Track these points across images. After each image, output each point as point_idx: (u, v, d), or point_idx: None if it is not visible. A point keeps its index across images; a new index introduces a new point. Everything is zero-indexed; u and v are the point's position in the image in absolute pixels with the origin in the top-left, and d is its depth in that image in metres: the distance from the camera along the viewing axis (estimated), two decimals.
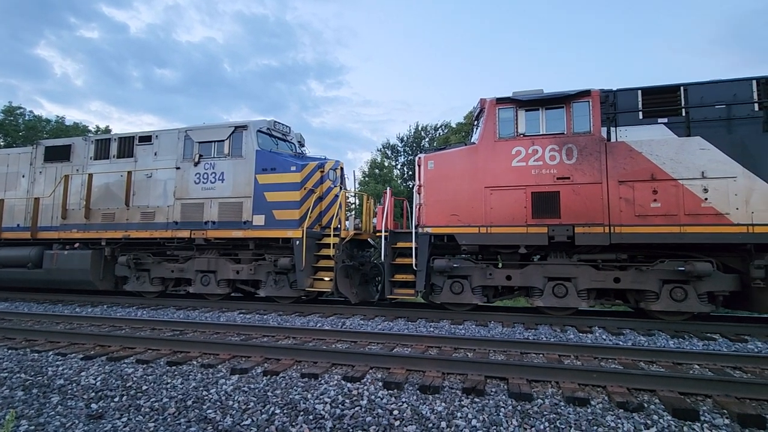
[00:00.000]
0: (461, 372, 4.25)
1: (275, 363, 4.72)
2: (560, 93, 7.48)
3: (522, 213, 7.41)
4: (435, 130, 33.19)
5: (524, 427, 3.16)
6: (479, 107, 8.20)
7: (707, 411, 3.33)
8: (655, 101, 7.26)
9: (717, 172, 6.67)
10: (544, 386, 3.93)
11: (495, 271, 7.78)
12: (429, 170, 7.98)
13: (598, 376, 3.94)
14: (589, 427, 3.10)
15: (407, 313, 8.11)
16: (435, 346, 5.54)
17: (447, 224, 7.75)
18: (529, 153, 7.48)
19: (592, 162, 7.18)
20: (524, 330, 6.80)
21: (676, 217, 6.77)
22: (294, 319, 7.88)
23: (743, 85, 6.98)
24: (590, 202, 7.12)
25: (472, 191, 7.67)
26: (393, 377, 4.13)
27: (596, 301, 7.59)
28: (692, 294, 6.87)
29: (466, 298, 7.84)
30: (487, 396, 3.71)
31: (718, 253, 6.87)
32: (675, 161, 6.84)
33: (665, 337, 6.28)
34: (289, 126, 10.18)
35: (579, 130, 7.33)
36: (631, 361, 4.79)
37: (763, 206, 6.47)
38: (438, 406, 3.55)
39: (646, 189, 6.93)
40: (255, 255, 9.33)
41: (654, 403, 3.50)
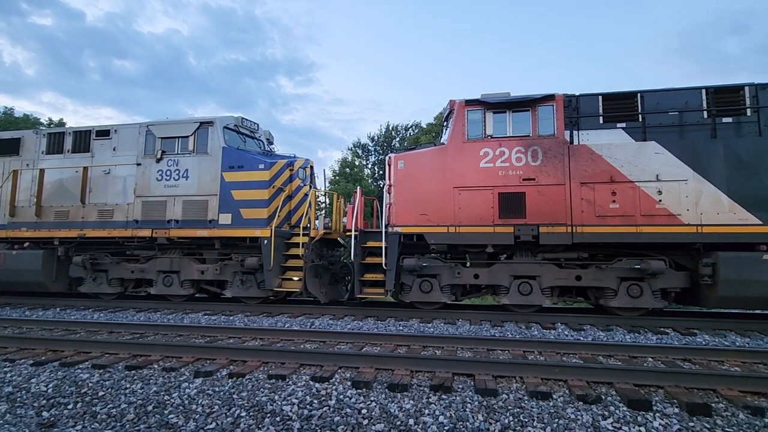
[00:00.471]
0: (429, 369, 4.30)
1: (241, 365, 4.61)
2: (526, 96, 7.69)
3: (489, 213, 7.57)
4: (406, 130, 33.40)
5: (489, 422, 3.23)
6: (449, 108, 8.31)
7: (659, 401, 3.52)
8: (614, 107, 7.59)
9: (670, 175, 7.05)
10: (509, 381, 4.03)
11: (463, 270, 7.92)
12: (399, 170, 8.02)
13: (560, 371, 4.08)
14: (551, 420, 3.21)
15: (377, 312, 8.12)
16: (404, 344, 5.58)
17: (416, 224, 7.82)
18: (496, 154, 7.65)
19: (555, 164, 7.42)
20: (491, 327, 6.95)
21: (633, 218, 7.10)
22: (261, 320, 7.73)
23: (694, 94, 7.41)
24: (554, 202, 7.36)
25: (441, 191, 7.77)
26: (362, 376, 4.12)
27: (559, 299, 7.87)
28: (647, 291, 7.24)
29: (435, 297, 7.93)
30: (454, 392, 3.77)
31: (671, 252, 7.27)
32: (632, 164, 7.18)
33: (622, 332, 6.58)
34: (257, 123, 9.98)
35: (543, 133, 7.57)
36: (591, 356, 4.99)
37: (711, 208, 6.89)
38: (406, 403, 3.57)
39: (606, 190, 7.23)
40: (221, 255, 9.09)
41: (611, 395, 3.66)
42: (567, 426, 3.11)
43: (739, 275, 6.63)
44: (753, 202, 6.77)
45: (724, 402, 3.50)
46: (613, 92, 7.66)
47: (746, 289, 6.65)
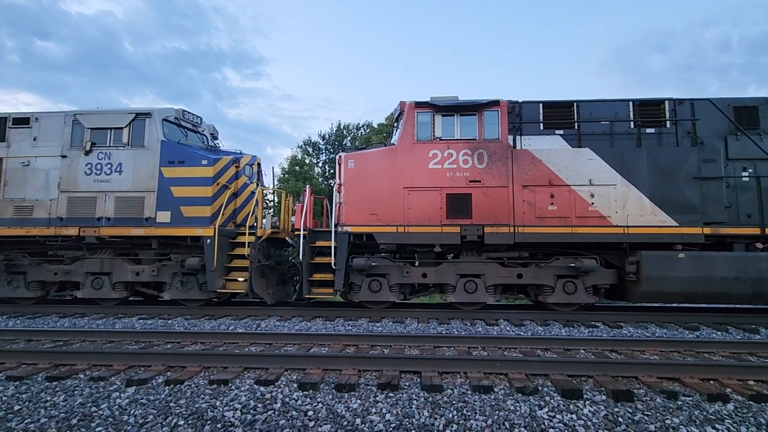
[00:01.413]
0: (377, 368, 4.32)
1: (180, 371, 4.37)
2: (473, 101, 7.96)
3: (437, 213, 7.75)
4: (357, 129, 33.34)
5: (434, 417, 3.30)
6: (399, 110, 8.41)
7: (589, 390, 3.78)
8: (553, 114, 8.06)
9: (601, 179, 7.60)
10: (453, 377, 4.14)
11: (412, 269, 8.04)
12: (349, 169, 7.99)
13: (501, 365, 4.26)
14: (492, 412, 3.34)
15: (325, 312, 8.03)
16: (352, 344, 5.56)
17: (366, 223, 7.82)
18: (444, 156, 7.85)
19: (500, 167, 7.75)
20: (438, 325, 7.12)
21: (569, 219, 7.58)
22: (203, 323, 7.37)
23: (623, 105, 8.05)
24: (498, 204, 7.68)
25: (391, 191, 7.84)
26: (309, 378, 4.06)
27: (502, 296, 8.22)
28: (581, 287, 7.75)
29: (384, 296, 7.99)
30: (401, 390, 3.81)
31: (601, 251, 7.83)
32: (568, 169, 7.66)
33: (559, 326, 7.00)
34: (200, 116, 9.51)
35: (489, 137, 7.87)
36: (530, 349, 5.26)
37: (636, 210, 7.52)
38: (353, 403, 3.56)
39: (545, 193, 7.66)
40: (159, 255, 8.56)
41: (547, 386, 3.88)
42: (507, 417, 3.25)
43: (658, 272, 7.28)
44: (671, 205, 7.46)
45: (644, 388, 3.83)
46: (553, 101, 8.13)
47: (664, 285, 7.31)
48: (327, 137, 33.16)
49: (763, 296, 7.24)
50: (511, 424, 3.17)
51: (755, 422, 3.15)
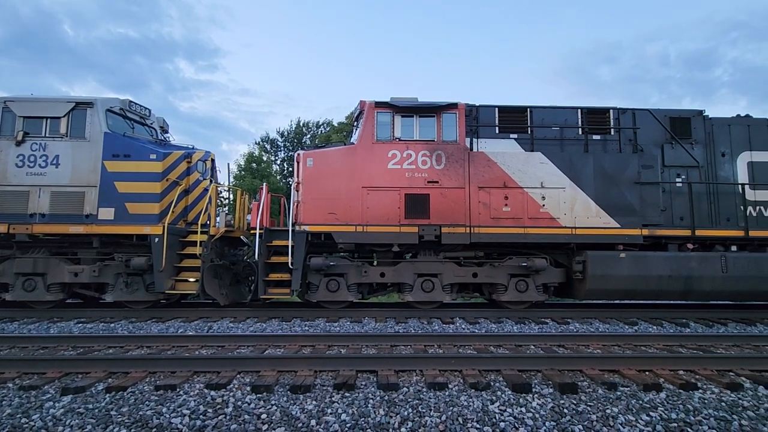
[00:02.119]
0: (333, 368, 4.28)
1: (123, 377, 4.12)
2: (432, 103, 8.08)
3: (396, 213, 7.80)
4: (317, 127, 32.91)
5: (390, 416, 3.31)
6: (359, 109, 8.39)
7: (537, 383, 3.94)
8: (508, 119, 8.35)
9: (552, 183, 7.96)
10: (409, 375, 4.18)
11: (370, 269, 8.05)
12: (308, 168, 7.88)
13: (455, 362, 4.35)
14: (446, 408, 3.40)
15: (282, 313, 7.87)
16: (309, 345, 5.48)
17: (324, 222, 7.74)
18: (403, 156, 7.91)
19: (457, 168, 7.92)
20: (395, 324, 7.16)
21: (521, 220, 7.87)
22: (150, 326, 7.00)
23: (572, 113, 8.48)
24: (455, 204, 7.84)
25: (350, 190, 7.80)
26: (263, 380, 3.95)
27: (458, 295, 8.41)
28: (532, 286, 8.08)
29: (341, 296, 7.94)
30: (357, 390, 3.80)
31: (551, 251, 8.20)
32: (522, 172, 7.96)
33: (511, 323, 7.26)
34: (149, 108, 9.01)
35: (447, 139, 8.03)
36: (484, 346, 5.41)
37: (582, 213, 7.94)
38: (308, 404, 3.51)
39: (500, 195, 7.92)
40: (101, 254, 8.02)
41: (499, 381, 4.01)
42: (460, 413, 3.32)
43: (602, 271, 7.73)
44: (614, 208, 7.94)
45: (587, 380, 4.04)
46: (508, 105, 8.42)
47: (608, 283, 7.78)
48: (286, 134, 32.50)
49: (693, 293, 7.87)
50: (464, 420, 3.24)
51: (684, 409, 3.40)
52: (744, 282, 7.76)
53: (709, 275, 7.73)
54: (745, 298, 8.35)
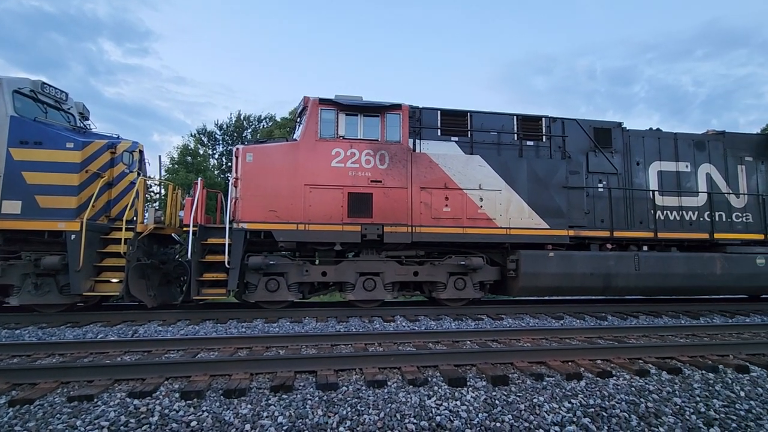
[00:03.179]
0: (271, 370, 4.15)
1: (29, 389, 3.70)
2: (377, 103, 8.12)
3: (339, 212, 7.74)
4: (259, 122, 31.82)
5: (329, 416, 3.27)
6: (302, 105, 8.22)
7: (472, 377, 4.09)
8: (450, 122, 8.61)
9: (489, 185, 8.32)
10: (349, 374, 4.16)
11: (312, 268, 7.92)
12: (247, 163, 7.58)
13: (395, 359, 4.40)
14: (385, 405, 3.43)
15: (217, 314, 7.51)
16: (245, 347, 5.28)
17: (264, 220, 7.49)
18: (347, 155, 7.87)
19: (400, 169, 8.02)
20: (337, 323, 7.11)
21: (460, 220, 8.15)
22: (64, 332, 6.36)
23: (508, 119, 8.92)
24: (397, 204, 7.94)
25: (291, 188, 7.62)
26: (193, 385, 3.74)
27: (399, 293, 8.52)
28: (469, 283, 8.40)
29: (281, 296, 7.74)
30: (295, 391, 3.71)
31: (487, 250, 8.57)
32: (461, 174, 8.24)
33: (449, 320, 7.49)
34: (66, 92, 8.16)
35: (391, 139, 8.11)
36: (423, 343, 5.52)
37: (517, 214, 8.38)
38: (243, 409, 3.37)
39: (441, 195, 8.14)
40: (5, 252, 7.15)
41: (436, 376, 4.11)
42: (398, 409, 3.36)
43: (533, 269, 8.22)
44: (544, 210, 8.48)
45: (518, 372, 4.27)
46: (450, 109, 8.68)
47: (538, 280, 8.28)
48: (225, 127, 31.10)
49: (611, 288, 8.61)
50: (402, 415, 3.28)
51: (600, 395, 3.71)
52: (653, 278, 8.63)
53: (624, 272, 8.50)
54: (653, 293, 9.29)
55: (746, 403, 3.68)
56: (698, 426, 3.32)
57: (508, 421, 3.24)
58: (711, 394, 3.82)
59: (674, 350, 4.98)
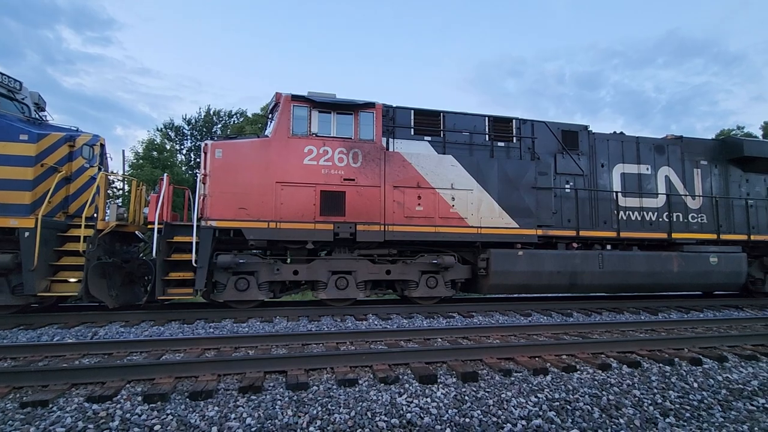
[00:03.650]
0: (239, 371, 4.06)
1: None
2: (351, 101, 8.08)
3: (311, 210, 7.66)
4: (229, 117, 31.05)
5: (299, 416, 3.23)
6: (274, 101, 8.08)
7: (443, 374, 4.14)
8: (423, 121, 8.66)
9: (461, 185, 8.44)
10: (320, 373, 4.13)
11: (283, 267, 7.80)
12: (216, 159, 7.38)
13: (366, 358, 4.39)
14: (356, 404, 3.42)
15: (183, 314, 7.28)
16: (213, 347, 5.15)
17: (234, 218, 7.32)
18: (320, 153, 7.80)
19: (373, 167, 8.01)
20: (308, 322, 7.03)
21: (433, 219, 8.22)
22: (16, 335, 6.01)
23: (480, 120, 9.07)
24: (370, 202, 7.93)
25: (262, 185, 7.48)
26: (157, 388, 3.61)
27: (371, 291, 8.52)
28: (441, 282, 8.49)
29: (251, 295, 7.59)
30: (264, 391, 3.65)
31: (459, 249, 8.69)
32: (434, 173, 8.31)
33: (421, 318, 7.55)
34: (19, 81, 7.69)
35: (364, 138, 8.08)
36: (395, 341, 5.54)
37: (487, 213, 8.53)
38: (210, 411, 3.28)
39: (413, 194, 8.18)
40: None
41: (407, 374, 4.13)
42: (369, 407, 3.36)
43: (503, 267, 8.39)
44: (514, 210, 8.67)
45: (487, 368, 4.35)
46: (423, 109, 8.74)
47: (508, 278, 8.46)
48: (193, 122, 30.21)
49: (576, 286, 8.90)
50: (372, 413, 3.28)
51: (565, 389, 3.83)
52: (616, 276, 8.98)
53: (589, 270, 8.81)
54: (616, 290, 9.67)
55: (699, 394, 3.88)
56: (655, 416, 3.48)
57: (477, 416, 3.30)
58: (667, 386, 4.01)
59: (634, 345, 5.20)
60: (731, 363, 4.76)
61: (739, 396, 3.91)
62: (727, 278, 9.61)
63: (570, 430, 3.21)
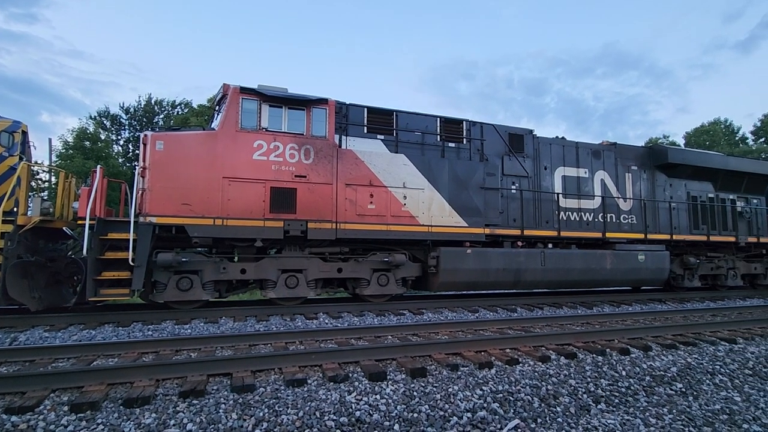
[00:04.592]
0: (180, 375, 3.86)
1: None
2: (303, 96, 7.92)
3: (260, 206, 7.43)
4: (173, 108, 29.37)
5: (244, 419, 3.13)
6: (222, 93, 7.76)
7: (392, 370, 4.17)
8: (376, 120, 8.68)
9: (413, 183, 8.55)
10: (267, 375, 4.02)
11: (230, 265, 7.52)
12: (157, 151, 6.95)
13: (316, 357, 4.33)
14: (304, 404, 3.36)
15: (118, 317, 6.81)
16: (151, 351, 4.86)
17: (176, 214, 6.94)
18: (270, 148, 7.58)
19: (325, 164, 7.92)
20: (256, 323, 6.83)
21: (385, 218, 8.27)
22: None
23: (432, 120, 9.23)
24: (322, 200, 7.83)
25: (208, 180, 7.15)
26: (86, 396, 3.35)
27: (322, 290, 8.42)
28: (392, 279, 8.56)
29: (195, 295, 7.24)
30: (207, 395, 3.50)
31: (410, 247, 8.81)
32: (386, 172, 8.36)
33: (372, 316, 7.57)
34: None
35: (316, 134, 7.96)
36: (345, 340, 5.52)
37: (438, 212, 8.71)
38: (147, 418, 3.09)
39: (366, 192, 8.18)
40: None
41: (357, 372, 4.13)
42: (318, 407, 3.31)
43: (452, 265, 8.61)
44: (464, 209, 8.92)
45: (435, 364, 4.44)
46: (376, 107, 8.76)
47: (457, 276, 8.69)
48: (132, 111, 28.30)
49: (521, 282, 9.32)
50: (321, 413, 3.24)
51: (508, 381, 3.99)
52: (556, 273, 9.51)
53: (532, 268, 9.26)
54: (556, 286, 10.24)
55: (627, 381, 4.20)
56: (588, 403, 3.73)
57: (425, 411, 3.35)
58: (599, 374, 4.31)
59: (571, 337, 5.54)
60: (654, 352, 5.20)
61: (660, 382, 4.28)
62: (653, 274, 10.49)
63: (512, 420, 3.35)
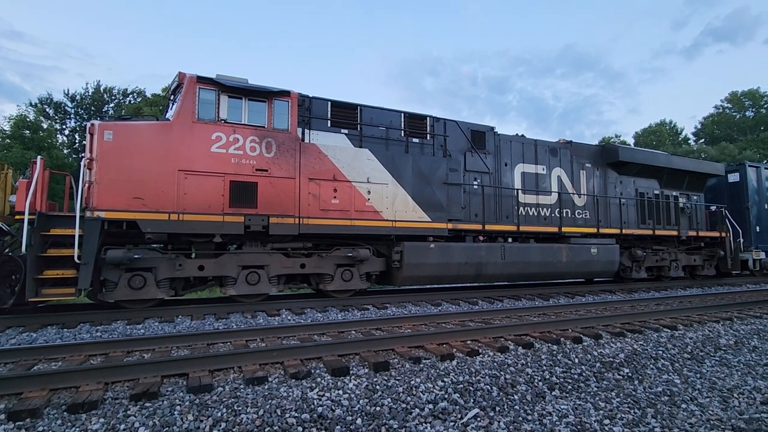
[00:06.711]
0: (131, 377, 3.68)
1: None
2: (264, 87, 7.70)
3: (219, 201, 7.18)
4: (124, 96, 27.80)
5: (200, 420, 3.01)
6: (177, 81, 7.42)
7: (355, 365, 4.16)
8: (340, 114, 8.59)
9: (377, 178, 8.54)
10: (226, 373, 3.90)
11: (186, 262, 7.23)
12: (106, 142, 6.55)
13: (277, 354, 4.25)
14: (264, 402, 3.28)
15: (63, 318, 6.40)
16: (100, 353, 4.60)
17: (127, 208, 6.58)
18: (230, 140, 7.33)
19: (288, 158, 7.75)
20: (215, 321, 6.62)
21: (348, 213, 8.22)
22: None
23: (396, 116, 9.25)
24: (285, 194, 7.67)
25: (162, 173, 6.82)
26: (25, 403, 3.12)
27: (285, 286, 8.27)
28: (356, 275, 8.54)
29: (149, 293, 6.92)
30: (161, 397, 3.35)
31: (374, 242, 8.81)
32: (350, 166, 8.30)
33: (336, 311, 7.52)
34: None
35: (278, 127, 7.78)
36: (308, 336, 5.45)
37: (402, 207, 8.76)
38: (94, 424, 2.93)
39: (329, 187, 8.09)
40: None
41: (320, 368, 4.08)
42: (279, 404, 3.25)
43: (416, 260, 8.69)
44: (427, 204, 9.01)
45: (398, 357, 4.47)
46: (340, 101, 8.66)
47: (420, 270, 8.78)
48: (79, 99, 26.56)
49: (482, 276, 9.56)
50: (282, 410, 3.18)
51: (468, 371, 4.08)
52: (516, 266, 9.83)
53: (493, 261, 9.51)
54: (516, 279, 10.58)
55: (579, 368, 4.40)
56: (543, 390, 3.87)
57: (387, 404, 3.37)
58: (554, 363, 4.49)
59: (528, 328, 5.74)
60: (604, 339, 5.48)
61: (609, 368, 4.51)
62: (605, 266, 11.06)
63: (471, 409, 3.43)
